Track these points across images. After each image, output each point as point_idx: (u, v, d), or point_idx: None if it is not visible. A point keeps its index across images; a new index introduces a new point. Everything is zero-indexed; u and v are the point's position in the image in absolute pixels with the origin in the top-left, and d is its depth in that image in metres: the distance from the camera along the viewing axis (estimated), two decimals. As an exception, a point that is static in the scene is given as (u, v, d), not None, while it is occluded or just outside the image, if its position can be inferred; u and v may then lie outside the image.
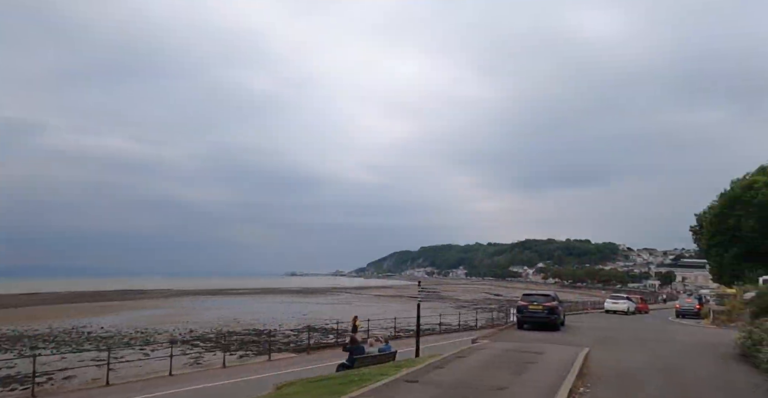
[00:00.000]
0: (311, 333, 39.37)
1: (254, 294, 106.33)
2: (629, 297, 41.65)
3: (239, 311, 61.38)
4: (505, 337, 16.69)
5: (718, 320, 24.66)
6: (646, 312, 42.72)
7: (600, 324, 25.45)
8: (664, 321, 32.23)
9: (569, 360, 10.37)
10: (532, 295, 21.32)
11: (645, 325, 25.52)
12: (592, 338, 17.33)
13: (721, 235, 40.70)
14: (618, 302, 38.70)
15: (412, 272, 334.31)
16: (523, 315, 20.38)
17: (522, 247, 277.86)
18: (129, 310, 61.46)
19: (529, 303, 20.33)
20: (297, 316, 55.09)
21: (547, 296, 20.81)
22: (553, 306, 19.98)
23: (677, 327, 25.30)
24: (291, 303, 76.58)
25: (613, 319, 31.02)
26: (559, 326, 20.49)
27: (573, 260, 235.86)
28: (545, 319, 19.75)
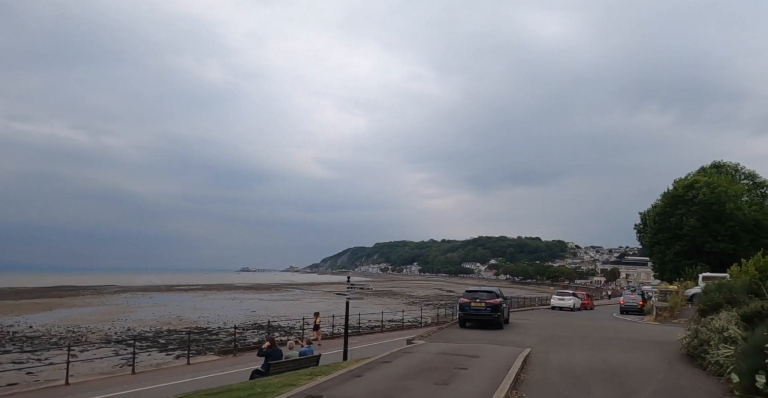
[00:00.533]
0: (257, 331, 38.05)
1: (203, 290, 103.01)
2: (575, 294, 41.61)
3: (185, 308, 58.80)
4: (443, 337, 15.65)
5: (660, 316, 24.57)
6: (592, 308, 42.96)
7: (545, 321, 24.88)
8: (608, 317, 32.13)
9: (506, 365, 9.36)
10: (475, 292, 20.22)
11: (590, 322, 25.06)
12: (536, 337, 16.57)
13: (663, 233, 41.48)
14: (564, 298, 38.48)
15: (366, 268, 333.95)
16: (466, 313, 19.46)
17: (475, 244, 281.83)
18: (66, 308, 57.78)
19: (472, 300, 19.37)
20: (245, 313, 53.23)
21: (490, 293, 19.76)
22: (497, 303, 19.12)
23: (621, 324, 24.98)
24: (241, 300, 74.27)
25: (558, 316, 30.61)
26: (503, 324, 19.80)
27: (524, 257, 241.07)
28: (488, 317, 18.94)
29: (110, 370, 20.38)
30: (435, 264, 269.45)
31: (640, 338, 17.00)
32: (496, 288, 21.57)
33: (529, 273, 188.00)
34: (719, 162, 46.35)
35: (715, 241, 38.47)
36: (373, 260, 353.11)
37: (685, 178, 42.86)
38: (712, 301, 11.32)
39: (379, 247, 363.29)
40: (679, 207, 39.80)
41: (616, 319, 30.12)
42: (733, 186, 39.85)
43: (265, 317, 49.01)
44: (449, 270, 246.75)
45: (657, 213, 42.60)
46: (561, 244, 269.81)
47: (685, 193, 39.58)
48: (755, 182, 44.45)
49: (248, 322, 44.27)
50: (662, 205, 42.08)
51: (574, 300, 38.62)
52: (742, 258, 38.33)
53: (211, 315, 50.04)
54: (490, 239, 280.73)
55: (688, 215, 38.87)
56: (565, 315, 31.58)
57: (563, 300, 38.33)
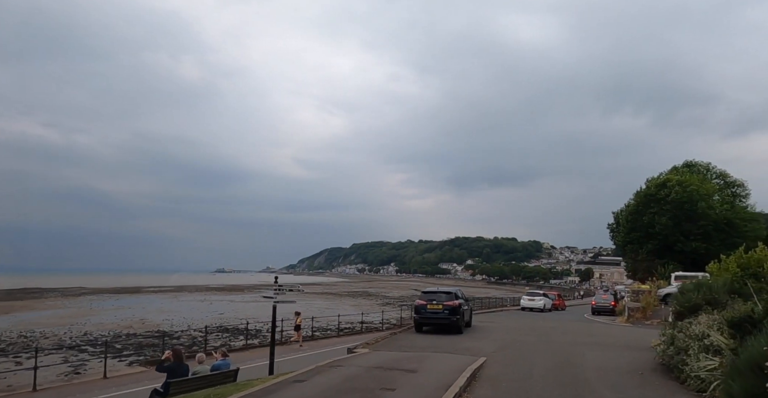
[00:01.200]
0: (220, 335, 36.36)
1: (174, 291, 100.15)
2: (546, 294, 40.19)
3: (151, 310, 56.58)
4: (392, 344, 14.13)
5: (633, 318, 23.60)
6: (563, 309, 41.75)
7: (511, 323, 23.45)
8: (580, 318, 30.96)
9: (447, 382, 7.91)
10: (432, 293, 18.72)
11: (559, 324, 23.75)
12: (496, 342, 15.22)
13: (636, 232, 40.91)
14: (534, 299, 37.10)
15: (343, 269, 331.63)
16: (421, 317, 17.97)
17: (452, 245, 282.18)
18: (25, 311, 55.05)
19: (428, 302, 17.90)
20: (213, 315, 51.33)
21: (449, 294, 18.29)
22: (456, 305, 17.65)
23: (592, 326, 23.77)
24: (211, 301, 72.07)
25: (527, 318, 29.17)
26: (463, 328, 18.32)
27: (500, 257, 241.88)
28: (446, 321, 17.52)
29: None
30: (412, 265, 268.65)
31: (610, 343, 15.82)
32: (456, 288, 19.98)
33: (505, 274, 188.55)
34: (691, 161, 46.13)
35: (687, 240, 37.97)
36: (351, 261, 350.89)
37: (658, 177, 42.49)
38: (689, 302, 9.97)
39: (356, 248, 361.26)
40: (652, 206, 39.29)
41: (586, 321, 28.85)
42: (705, 185, 39.50)
43: (234, 319, 47.40)
44: (426, 270, 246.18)
45: (629, 212, 42.06)
46: (537, 245, 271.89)
47: (658, 191, 39.09)
48: (726, 181, 44.23)
49: (214, 325, 42.65)
50: (635, 204, 41.54)
51: (544, 300, 37.28)
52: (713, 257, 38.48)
53: (177, 318, 48.07)
54: (467, 239, 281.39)
55: (660, 214, 38.34)
56: (534, 317, 30.17)
57: (533, 300, 36.89)
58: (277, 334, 29.51)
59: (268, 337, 33.24)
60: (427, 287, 20.99)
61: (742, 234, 37.60)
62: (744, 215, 39.96)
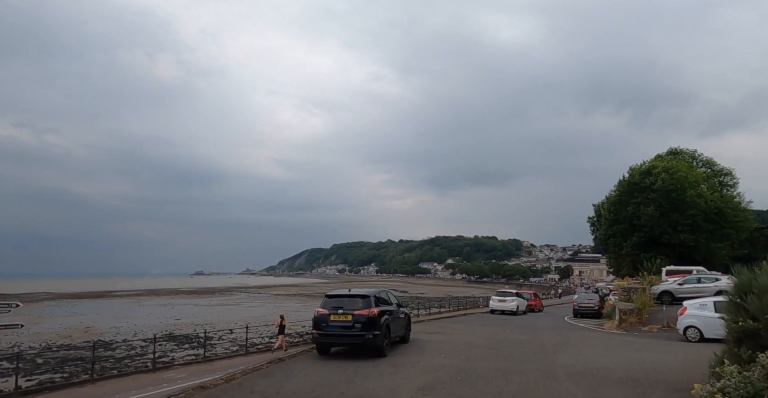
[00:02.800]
0: (165, 344, 32.12)
1: (141, 295, 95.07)
2: (519, 293, 35.29)
3: (104, 317, 51.90)
4: (258, 382, 9.42)
5: (626, 322, 19.16)
6: (540, 310, 37.44)
7: (469, 335, 18.69)
8: (559, 323, 26.48)
9: None
10: (339, 298, 13.23)
11: (533, 335, 18.96)
12: (429, 375, 10.22)
13: (619, 224, 37.45)
14: (505, 300, 31.97)
15: (324, 270, 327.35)
16: (323, 333, 12.58)
17: (432, 244, 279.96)
18: None
19: (332, 311, 12.53)
20: (169, 321, 46.97)
21: (363, 298, 12.80)
22: (372, 315, 12.32)
23: (575, 337, 18.93)
24: (173, 306, 67.34)
25: (494, 324, 23.97)
26: (387, 348, 12.82)
27: (481, 256, 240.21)
28: (357, 339, 12.32)
29: None
30: (392, 265, 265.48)
31: (607, 371, 10.48)
32: (379, 290, 14.43)
33: (485, 272, 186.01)
34: (676, 149, 43.06)
35: (675, 232, 34.66)
36: (331, 261, 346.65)
37: (642, 165, 39.23)
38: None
39: (336, 248, 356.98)
40: (636, 196, 35.96)
41: (568, 327, 24.20)
42: (693, 172, 36.39)
43: (189, 325, 43.25)
44: (406, 270, 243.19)
45: (612, 202, 38.67)
46: (517, 243, 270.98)
47: (642, 179, 35.76)
48: (713, 170, 41.24)
49: (165, 331, 38.42)
50: (617, 194, 38.12)
51: (517, 301, 32.29)
52: (702, 249, 35.35)
53: (127, 325, 43.57)
54: (448, 239, 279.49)
55: (645, 204, 34.99)
56: (503, 323, 24.83)
57: (504, 301, 31.75)
58: (258, 339, 25.34)
59: (218, 346, 29.11)
60: (335, 289, 15.19)
61: (733, 224, 34.62)
62: (734, 204, 36.84)
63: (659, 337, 16.96)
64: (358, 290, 13.80)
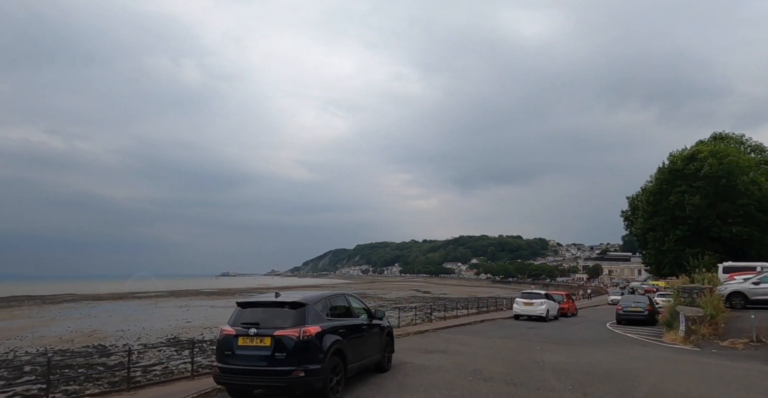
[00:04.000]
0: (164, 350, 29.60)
1: (163, 296, 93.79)
2: (549, 295, 29.41)
3: (114, 319, 49.88)
4: None
5: (696, 334, 13.97)
6: (574, 315, 32.15)
7: (485, 354, 13.24)
8: (602, 333, 20.78)
9: None
10: (256, 306, 8.38)
11: (573, 354, 13.49)
12: None
13: (660, 216, 33.23)
14: (533, 302, 26.28)
15: (347, 270, 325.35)
16: (226, 368, 7.61)
17: (456, 244, 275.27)
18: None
19: (241, 331, 7.74)
20: (179, 323, 44.62)
21: (296, 307, 7.94)
22: (305, 337, 7.50)
23: (636, 356, 13.17)
24: (189, 307, 65.29)
25: (518, 336, 18.43)
26: (332, 391, 7.88)
27: (505, 256, 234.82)
28: (279, 378, 7.39)
29: None
30: (416, 265, 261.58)
31: None
32: (331, 294, 9.51)
33: (510, 272, 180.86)
34: (720, 133, 38.59)
35: (725, 224, 30.32)
36: (354, 262, 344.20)
37: (683, 151, 35.00)
38: None
39: (360, 249, 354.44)
40: (679, 184, 31.79)
41: (616, 340, 18.22)
42: (744, 156, 32.04)
43: (197, 328, 40.99)
44: (430, 270, 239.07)
45: (651, 192, 34.46)
46: (542, 242, 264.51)
47: (686, 166, 31.57)
48: (764, 156, 36.70)
49: (170, 336, 35.99)
50: (657, 183, 33.89)
51: (547, 304, 26.63)
52: (758, 243, 31.04)
53: (134, 328, 41.25)
54: (471, 238, 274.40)
55: (690, 193, 30.84)
56: (531, 334, 19.14)
57: (531, 304, 26.12)
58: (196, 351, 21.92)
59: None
60: (258, 294, 10.66)
61: (792, 215, 30.31)
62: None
63: (753, 358, 12.29)
64: (294, 294, 8.85)
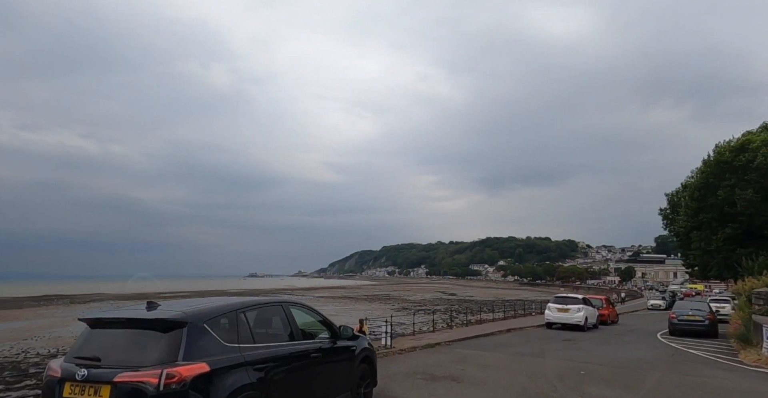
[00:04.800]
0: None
1: (186, 297, 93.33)
2: (587, 300, 24.99)
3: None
4: None
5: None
6: (614, 322, 27.77)
7: (509, 383, 9.83)
8: (657, 349, 16.51)
9: None
10: (105, 324, 4.93)
11: (630, 385, 9.90)
12: None
13: (706, 213, 29.98)
14: (568, 308, 22.47)
15: (373, 272, 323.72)
16: None
17: (483, 245, 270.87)
18: (11, 321, 48.67)
19: (69, 372, 4.44)
20: None
21: (168, 328, 4.56)
22: (173, 386, 4.15)
23: (718, 388, 9.83)
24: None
25: (553, 353, 14.34)
26: None
27: (533, 258, 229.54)
28: None
29: None
30: (442, 267, 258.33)
31: None
32: (248, 302, 5.66)
33: (538, 274, 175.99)
34: (771, 123, 35.12)
35: (782, 221, 27.29)
36: (381, 263, 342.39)
37: (729, 142, 31.67)
38: None
39: (386, 250, 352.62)
40: (728, 178, 28.59)
41: (678, 359, 14.14)
42: (803, 146, 28.66)
43: None
44: (456, 272, 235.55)
45: (695, 187, 31.28)
46: (571, 244, 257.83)
47: (735, 157, 28.38)
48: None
49: None
50: (703, 177, 30.65)
51: (585, 310, 22.78)
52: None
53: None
54: (499, 240, 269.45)
55: (741, 187, 27.69)
56: (569, 351, 15.14)
57: (566, 311, 22.38)
58: None
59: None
60: (123, 308, 5.64)
61: None
62: None
63: None
64: (181, 305, 5.33)
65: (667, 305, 41.47)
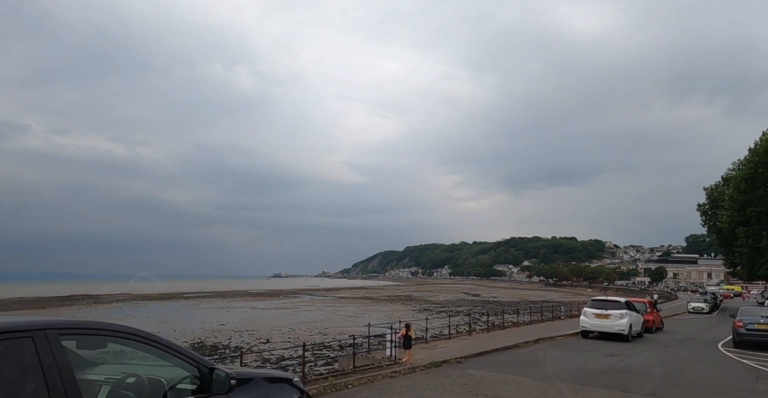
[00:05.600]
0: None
1: (208, 297, 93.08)
2: (630, 303, 20.56)
3: (151, 320, 48.14)
4: None
5: None
6: (659, 329, 23.89)
7: None
8: (729, 367, 13.29)
9: None
10: None
11: None
12: None
13: (755, 207, 27.10)
14: (608, 314, 18.59)
15: (397, 272, 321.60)
16: None
17: (507, 246, 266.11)
18: None
19: None
20: (212, 326, 42.18)
21: None
22: None
23: None
24: (231, 309, 63.13)
25: (595, 381, 10.52)
26: None
27: (559, 258, 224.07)
28: None
29: None
30: (465, 267, 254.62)
31: None
32: None
33: (564, 275, 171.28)
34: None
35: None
36: (404, 264, 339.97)
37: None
38: None
39: (409, 251, 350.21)
40: (779, 168, 25.95)
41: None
42: None
43: (229, 332, 38.25)
44: (480, 272, 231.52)
45: (742, 178, 28.37)
46: (598, 244, 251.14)
47: (788, 144, 25.68)
48: None
49: (197, 340, 33.31)
50: (750, 167, 27.78)
51: (628, 316, 18.80)
52: None
53: (165, 331, 38.90)
54: (523, 240, 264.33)
55: (795, 177, 24.99)
56: (617, 371, 11.84)
57: (607, 317, 18.59)
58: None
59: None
60: None
61: None
62: None
63: None
64: None
65: (710, 308, 38.08)
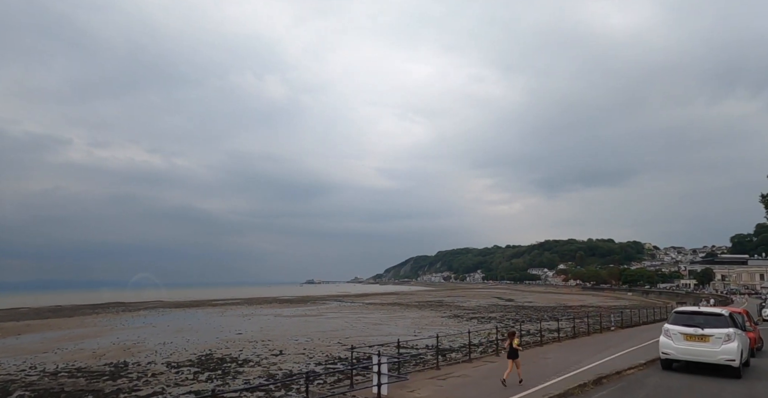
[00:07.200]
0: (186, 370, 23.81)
1: (235, 304, 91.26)
2: (734, 317, 13.23)
3: (170, 329, 46.06)
4: None
5: None
6: (759, 349, 18.00)
7: None
8: None
9: None
10: None
11: None
12: None
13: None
14: (708, 335, 11.91)
15: (429, 277, 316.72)
16: None
17: (541, 249, 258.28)
18: (45, 330, 47.15)
19: None
20: (228, 336, 39.41)
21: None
22: None
23: None
24: (253, 316, 60.54)
25: None
26: None
27: (595, 261, 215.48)
28: None
29: None
30: (499, 271, 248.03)
31: None
32: None
33: (603, 278, 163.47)
34: None
35: None
36: (436, 269, 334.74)
37: None
38: None
39: (441, 255, 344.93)
40: None
41: None
42: None
43: (244, 342, 35.31)
44: (514, 276, 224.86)
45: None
46: (637, 245, 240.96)
47: None
48: None
49: (206, 352, 30.35)
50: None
51: (738, 337, 11.98)
52: None
53: (179, 341, 36.49)
54: (558, 243, 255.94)
55: None
56: None
57: (705, 338, 11.96)
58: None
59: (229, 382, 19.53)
60: None
61: None
62: None
63: None
64: None
65: None
